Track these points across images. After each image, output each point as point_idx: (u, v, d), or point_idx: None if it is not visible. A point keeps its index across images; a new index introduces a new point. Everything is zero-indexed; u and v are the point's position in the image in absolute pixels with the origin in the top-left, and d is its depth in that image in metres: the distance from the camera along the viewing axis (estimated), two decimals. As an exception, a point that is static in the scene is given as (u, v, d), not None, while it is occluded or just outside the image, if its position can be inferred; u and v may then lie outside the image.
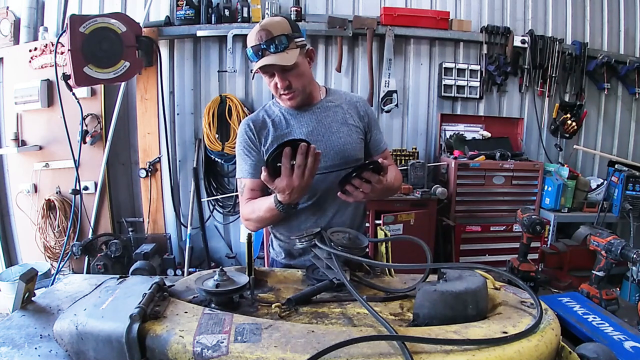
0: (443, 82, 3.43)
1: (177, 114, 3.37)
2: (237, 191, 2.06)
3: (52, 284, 2.44)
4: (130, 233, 3.19)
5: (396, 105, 3.39)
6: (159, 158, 3.32)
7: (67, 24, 2.65)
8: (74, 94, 2.81)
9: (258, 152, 1.40)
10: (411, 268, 0.98)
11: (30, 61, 3.19)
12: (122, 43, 2.78)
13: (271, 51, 1.24)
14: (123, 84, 3.07)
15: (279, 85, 1.30)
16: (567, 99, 3.57)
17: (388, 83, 3.36)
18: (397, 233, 2.78)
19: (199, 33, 3.14)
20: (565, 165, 3.24)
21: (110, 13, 2.83)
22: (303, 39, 1.31)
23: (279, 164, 1.09)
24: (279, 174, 1.11)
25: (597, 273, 1.31)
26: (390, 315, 0.93)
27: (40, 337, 0.89)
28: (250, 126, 1.40)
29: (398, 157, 3.30)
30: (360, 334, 0.75)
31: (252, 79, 1.27)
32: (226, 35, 3.12)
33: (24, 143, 3.23)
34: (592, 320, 1.11)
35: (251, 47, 1.26)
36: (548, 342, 0.74)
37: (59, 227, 3.17)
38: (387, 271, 1.16)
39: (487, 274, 0.93)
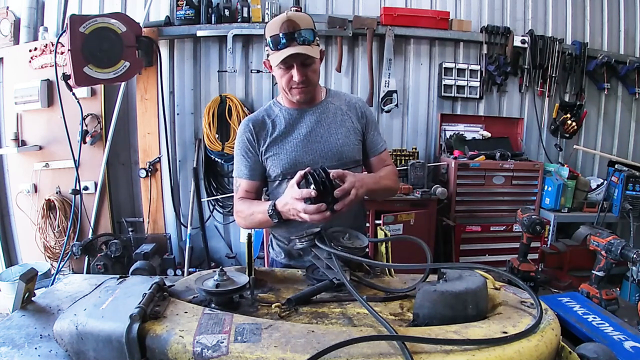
0: (443, 82, 3.42)
1: (177, 114, 3.37)
2: (236, 190, 2.06)
3: (52, 284, 2.45)
4: (130, 233, 3.19)
5: (396, 105, 3.39)
6: (159, 158, 3.31)
7: (67, 24, 2.65)
8: (74, 94, 2.81)
9: (255, 154, 1.41)
10: (411, 268, 0.98)
11: (30, 61, 3.19)
12: (122, 43, 2.78)
13: (299, 42, 1.24)
14: (123, 84, 3.07)
15: (296, 78, 1.29)
16: (567, 99, 3.56)
17: (388, 83, 3.36)
18: (397, 233, 2.77)
19: (199, 33, 3.14)
20: (565, 165, 3.23)
21: (110, 13, 2.83)
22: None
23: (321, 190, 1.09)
24: (322, 197, 1.10)
25: (597, 273, 1.31)
26: (390, 315, 0.92)
27: (40, 337, 0.89)
28: (249, 127, 1.40)
29: (398, 157, 3.30)
30: (360, 334, 0.75)
31: (274, 64, 1.23)
32: (226, 35, 3.12)
33: (24, 143, 3.23)
34: (592, 320, 1.11)
35: (272, 35, 1.26)
36: (548, 342, 0.74)
37: (59, 227, 3.17)
38: (387, 271, 1.16)
39: (487, 274, 0.93)
